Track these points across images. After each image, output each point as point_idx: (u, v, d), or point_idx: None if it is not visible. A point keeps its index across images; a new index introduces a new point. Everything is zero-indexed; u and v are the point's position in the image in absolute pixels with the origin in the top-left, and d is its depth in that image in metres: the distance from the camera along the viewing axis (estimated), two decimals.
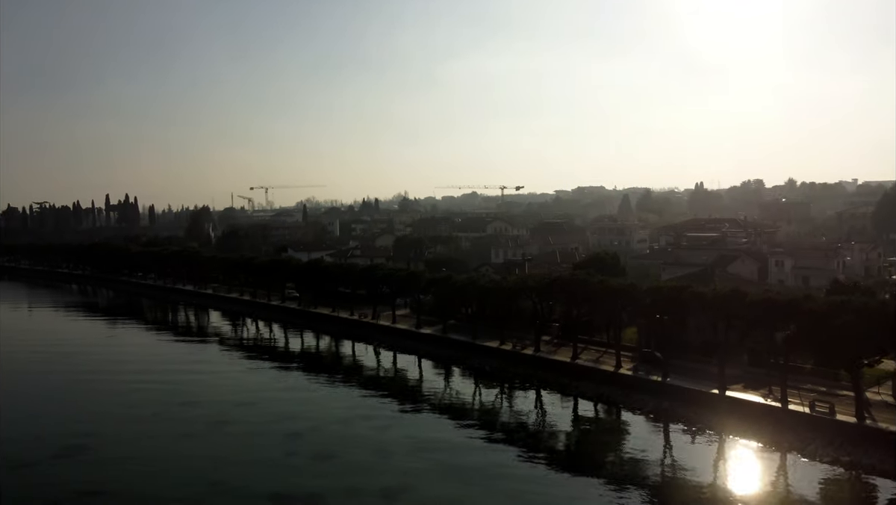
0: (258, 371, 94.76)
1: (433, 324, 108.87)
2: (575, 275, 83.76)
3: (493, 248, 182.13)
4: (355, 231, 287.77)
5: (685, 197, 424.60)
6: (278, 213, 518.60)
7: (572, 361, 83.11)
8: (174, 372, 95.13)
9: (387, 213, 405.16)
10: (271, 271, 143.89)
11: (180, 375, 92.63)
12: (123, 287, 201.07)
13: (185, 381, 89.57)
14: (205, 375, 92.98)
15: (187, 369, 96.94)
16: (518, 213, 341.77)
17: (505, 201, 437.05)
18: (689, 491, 51.63)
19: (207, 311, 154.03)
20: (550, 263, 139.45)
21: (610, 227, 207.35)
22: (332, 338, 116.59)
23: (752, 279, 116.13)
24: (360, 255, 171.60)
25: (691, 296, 69.67)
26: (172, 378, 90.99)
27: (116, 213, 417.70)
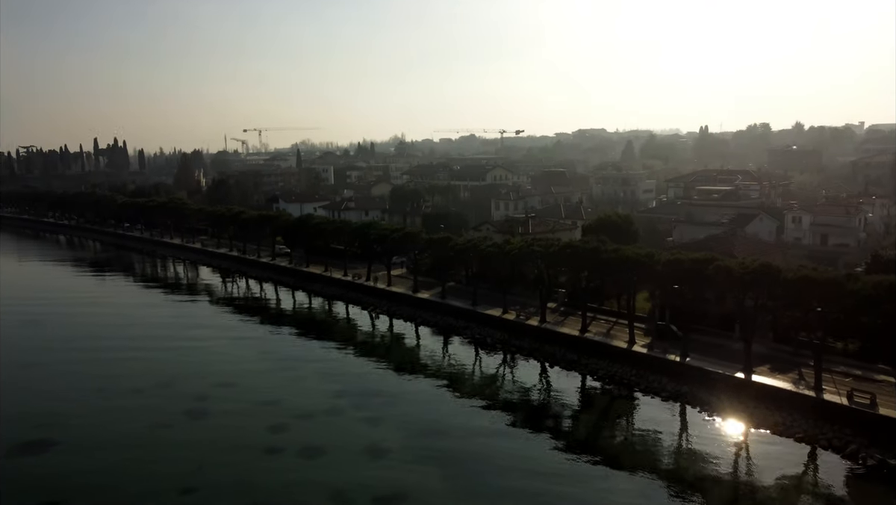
0: (244, 341, 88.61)
1: (431, 286, 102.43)
2: (585, 242, 76.74)
3: (494, 199, 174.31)
4: (350, 178, 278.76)
5: (689, 142, 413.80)
6: (272, 156, 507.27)
7: (581, 335, 76.87)
8: (155, 341, 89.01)
9: (383, 157, 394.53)
10: (260, 226, 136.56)
11: (161, 346, 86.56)
12: (110, 239, 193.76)
13: (166, 353, 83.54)
14: (188, 345, 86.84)
15: (169, 338, 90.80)
16: (518, 159, 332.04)
17: (505, 146, 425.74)
18: (710, 495, 46.05)
19: (196, 266, 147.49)
20: (554, 217, 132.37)
21: (614, 176, 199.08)
22: (325, 300, 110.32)
23: (770, 240, 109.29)
24: (355, 207, 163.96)
25: (717, 271, 62.77)
26: (152, 349, 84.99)
27: (105, 157, 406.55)
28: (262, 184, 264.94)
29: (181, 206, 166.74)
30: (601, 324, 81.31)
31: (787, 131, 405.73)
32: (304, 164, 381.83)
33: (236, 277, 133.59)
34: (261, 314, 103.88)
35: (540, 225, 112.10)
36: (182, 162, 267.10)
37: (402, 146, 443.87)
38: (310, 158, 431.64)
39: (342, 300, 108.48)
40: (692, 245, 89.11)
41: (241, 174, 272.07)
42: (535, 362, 75.82)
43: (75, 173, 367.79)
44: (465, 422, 60.31)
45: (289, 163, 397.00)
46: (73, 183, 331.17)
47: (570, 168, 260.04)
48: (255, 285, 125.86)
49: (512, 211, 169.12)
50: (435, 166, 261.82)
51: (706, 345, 71.19)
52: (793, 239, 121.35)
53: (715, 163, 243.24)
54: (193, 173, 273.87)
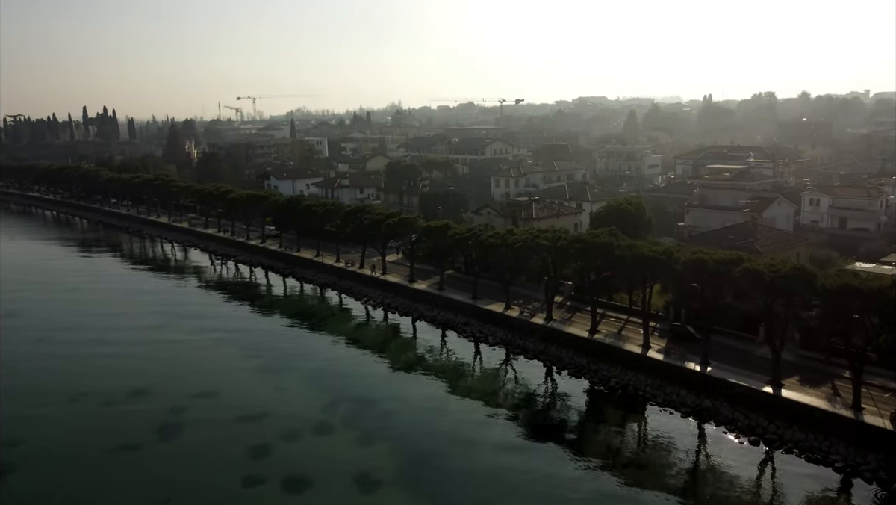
0: (230, 337, 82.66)
1: (428, 274, 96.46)
2: (596, 235, 70.42)
3: (494, 176, 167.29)
4: (345, 150, 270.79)
5: (693, 111, 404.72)
6: (267, 125, 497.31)
7: (591, 337, 71.05)
8: (135, 335, 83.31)
9: (379, 127, 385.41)
10: (249, 206, 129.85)
11: (140, 341, 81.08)
12: (96, 216, 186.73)
13: (145, 351, 78.00)
14: (169, 341, 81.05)
15: (150, 331, 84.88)
16: (518, 130, 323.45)
17: (504, 115, 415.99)
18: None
19: (183, 248, 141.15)
20: (558, 198, 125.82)
21: (619, 150, 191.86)
22: (317, 288, 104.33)
23: (788, 226, 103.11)
24: (349, 184, 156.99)
25: (745, 275, 56.66)
26: (131, 346, 79.58)
27: (95, 126, 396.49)
28: (255, 156, 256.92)
29: (168, 183, 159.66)
30: (611, 322, 75.56)
31: (793, 100, 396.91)
32: (298, 135, 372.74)
33: (224, 260, 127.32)
34: (248, 305, 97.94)
35: (544, 209, 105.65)
36: (171, 133, 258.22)
37: (398, 116, 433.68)
38: (305, 128, 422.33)
39: (335, 289, 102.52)
40: (710, 236, 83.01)
41: (233, 146, 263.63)
42: (541, 366, 70.20)
43: (64, 143, 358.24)
44: (468, 437, 55.00)
45: (283, 133, 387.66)
46: (62, 153, 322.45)
47: (572, 141, 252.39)
48: (244, 270, 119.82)
49: (513, 189, 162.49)
50: (432, 138, 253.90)
51: (727, 350, 65.54)
52: (810, 222, 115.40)
53: (721, 136, 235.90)
54: (183, 145, 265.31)
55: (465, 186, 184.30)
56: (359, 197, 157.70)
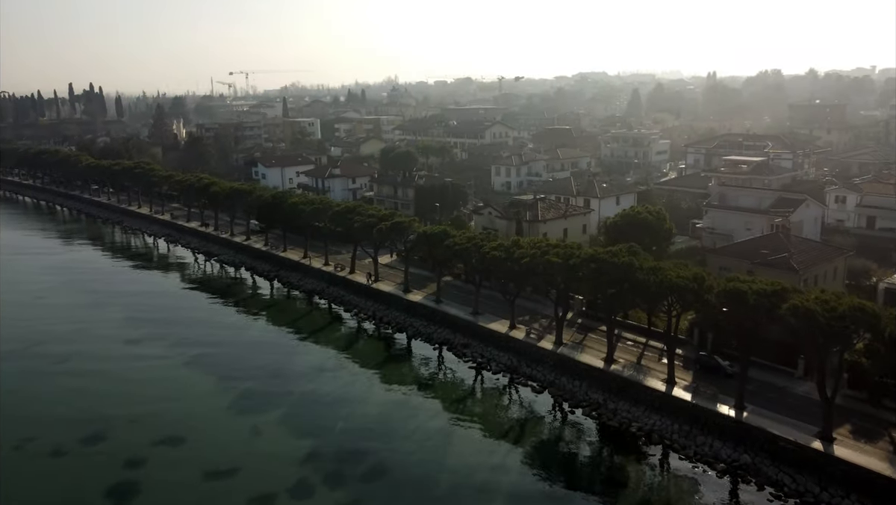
0: (204, 360, 74.26)
1: (425, 281, 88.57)
2: (614, 253, 61.97)
3: (494, 165, 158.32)
4: (339, 132, 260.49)
5: (696, 88, 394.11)
6: (260, 101, 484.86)
7: (607, 368, 63.05)
8: (97, 360, 74.98)
9: (374, 105, 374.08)
10: (232, 201, 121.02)
11: (106, 365, 72.82)
12: (75, 204, 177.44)
13: (109, 376, 70.01)
14: (137, 365, 72.79)
15: (115, 354, 76.62)
16: (517, 111, 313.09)
17: (503, 93, 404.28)
18: None
19: (166, 243, 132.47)
20: (563, 192, 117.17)
21: (625, 136, 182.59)
22: (304, 295, 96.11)
23: (816, 230, 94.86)
24: (341, 174, 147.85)
25: (794, 313, 48.45)
26: (94, 371, 71.54)
27: (81, 104, 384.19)
28: (244, 137, 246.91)
29: (148, 172, 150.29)
30: (628, 347, 67.65)
31: (800, 78, 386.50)
32: (291, 113, 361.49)
33: (207, 259, 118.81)
34: (231, 313, 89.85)
35: (550, 209, 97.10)
36: (157, 114, 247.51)
37: (394, 94, 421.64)
38: (298, 105, 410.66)
39: (323, 297, 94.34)
40: (738, 248, 74.66)
41: (222, 127, 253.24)
42: (551, 401, 62.29)
43: (48, 122, 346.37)
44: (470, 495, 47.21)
45: (275, 110, 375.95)
46: (46, 133, 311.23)
47: (574, 123, 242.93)
48: (227, 271, 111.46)
49: (514, 178, 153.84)
50: (429, 120, 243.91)
51: (763, 386, 57.76)
52: (835, 221, 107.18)
53: (730, 118, 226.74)
54: (170, 125, 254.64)
55: (464, 174, 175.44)
56: (351, 187, 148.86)
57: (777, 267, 68.21)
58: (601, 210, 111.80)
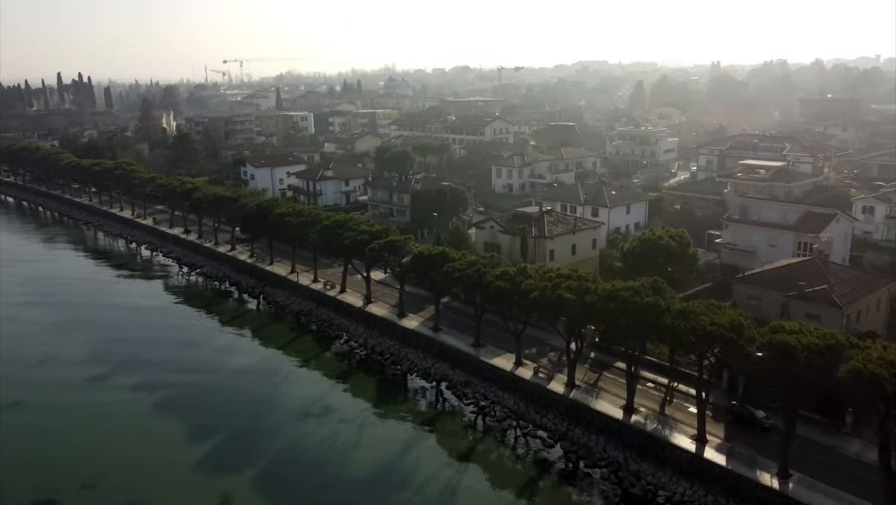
0: (172, 406, 66.50)
1: (421, 303, 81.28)
2: (635, 291, 54.44)
3: (495, 166, 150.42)
4: (333, 126, 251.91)
5: (700, 79, 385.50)
6: (254, 90, 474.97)
7: (627, 419, 55.74)
8: (56, 401, 67.49)
9: (371, 96, 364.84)
10: (216, 209, 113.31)
11: (60, 412, 65.23)
12: (55, 205, 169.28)
13: (62, 428, 62.43)
14: (96, 411, 65.25)
15: (77, 394, 69.14)
16: (518, 103, 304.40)
17: (502, 83, 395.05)
18: None
19: (148, 250, 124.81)
20: (570, 199, 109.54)
21: (631, 133, 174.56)
22: (292, 317, 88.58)
23: (846, 247, 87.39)
24: (333, 175, 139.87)
25: (855, 377, 41.07)
26: (46, 419, 63.84)
27: (70, 93, 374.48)
28: (236, 132, 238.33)
29: (130, 173, 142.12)
30: (649, 392, 60.27)
31: (806, 69, 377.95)
32: (285, 103, 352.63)
33: (189, 271, 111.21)
34: (206, 344, 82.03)
35: (557, 223, 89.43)
36: (143, 107, 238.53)
37: (391, 84, 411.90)
38: (293, 96, 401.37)
39: (312, 319, 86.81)
40: (769, 277, 67.11)
41: (212, 120, 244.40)
42: (563, 458, 54.98)
43: (35, 113, 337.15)
44: None
45: (269, 101, 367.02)
46: (32, 125, 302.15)
47: (577, 116, 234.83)
48: (211, 285, 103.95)
49: (516, 180, 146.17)
50: (426, 114, 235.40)
51: (807, 445, 50.67)
52: (862, 233, 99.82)
53: (738, 113, 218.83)
54: (158, 119, 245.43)
55: (463, 173, 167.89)
56: (344, 190, 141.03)
57: (816, 301, 60.90)
58: (611, 220, 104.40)
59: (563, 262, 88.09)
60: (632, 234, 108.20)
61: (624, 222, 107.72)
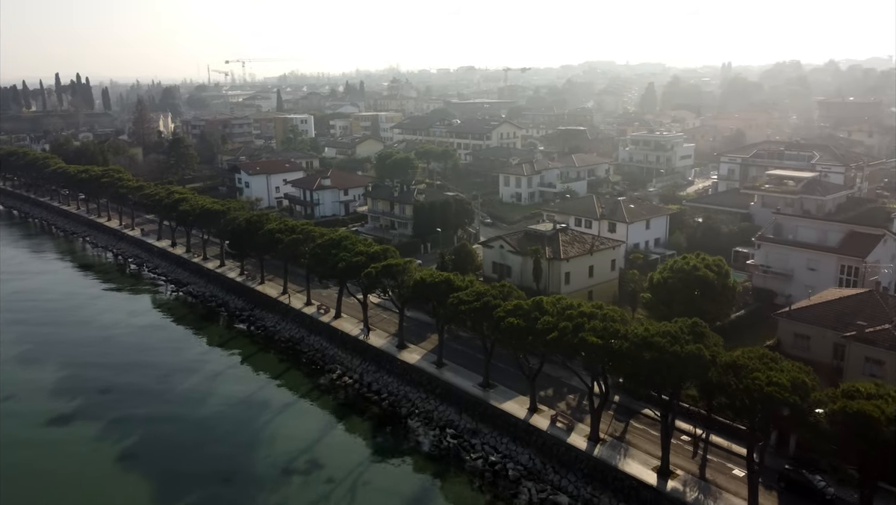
0: (134, 459, 58.59)
1: (423, 331, 73.76)
2: (672, 337, 46.41)
3: (503, 174, 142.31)
4: (334, 129, 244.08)
5: (712, 81, 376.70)
6: (256, 91, 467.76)
7: (662, 484, 47.67)
8: (7, 457, 59.66)
9: (374, 98, 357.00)
10: (204, 223, 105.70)
11: (9, 470, 57.37)
12: (42, 212, 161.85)
13: (7, 492, 54.57)
14: (53, 466, 57.52)
15: (33, 445, 61.44)
16: (525, 105, 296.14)
17: (508, 84, 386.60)
18: None
19: (129, 264, 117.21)
20: (585, 213, 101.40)
21: (646, 138, 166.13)
22: (282, 346, 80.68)
23: (892, 269, 78.95)
24: (331, 185, 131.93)
25: None
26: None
27: (68, 94, 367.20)
28: (233, 135, 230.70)
29: (117, 181, 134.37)
30: (684, 448, 52.07)
31: (820, 70, 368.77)
32: (286, 105, 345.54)
33: (177, 289, 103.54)
34: (186, 377, 74.00)
35: (573, 243, 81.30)
36: (138, 109, 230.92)
37: (395, 85, 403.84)
38: (294, 97, 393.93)
39: (304, 348, 78.94)
40: (819, 313, 58.80)
41: (208, 124, 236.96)
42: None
43: (31, 115, 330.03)
44: None
45: (270, 102, 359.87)
46: (27, 126, 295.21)
47: (586, 119, 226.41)
48: (197, 306, 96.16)
49: (525, 189, 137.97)
50: (430, 117, 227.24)
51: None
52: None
53: (754, 115, 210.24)
54: (152, 122, 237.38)
55: (468, 180, 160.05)
56: (342, 200, 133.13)
57: (880, 344, 52.69)
58: (629, 236, 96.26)
59: (580, 285, 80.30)
60: (651, 250, 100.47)
61: (643, 238, 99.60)
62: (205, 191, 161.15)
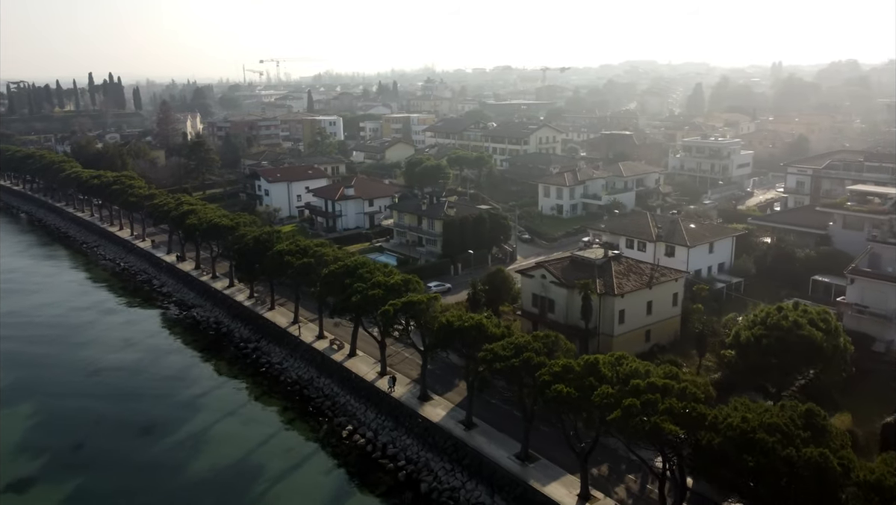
0: None
1: (451, 378, 62.28)
2: (786, 438, 34.28)
3: (543, 184, 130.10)
4: (364, 132, 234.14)
5: (762, 81, 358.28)
6: (289, 91, 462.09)
7: None
8: None
9: (407, 98, 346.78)
10: (211, 238, 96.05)
11: None
12: (56, 219, 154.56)
13: None
14: None
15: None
16: (564, 107, 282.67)
17: (546, 85, 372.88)
18: None
19: (142, 281, 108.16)
20: (638, 235, 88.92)
21: (699, 145, 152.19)
22: (286, 391, 70.05)
23: None
24: (355, 195, 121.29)
25: None
26: None
27: (100, 94, 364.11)
28: (259, 137, 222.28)
29: (127, 188, 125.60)
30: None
31: (879, 69, 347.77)
32: (317, 106, 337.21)
33: (180, 312, 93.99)
34: (174, 430, 63.64)
35: (628, 274, 69.06)
36: (162, 110, 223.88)
37: (429, 85, 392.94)
38: (327, 97, 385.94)
39: (311, 394, 68.18)
40: None
41: (234, 125, 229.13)
42: None
43: (62, 114, 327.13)
44: None
45: (302, 102, 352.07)
46: (58, 126, 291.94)
47: (631, 122, 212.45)
48: (200, 333, 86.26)
49: (567, 200, 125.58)
50: (464, 120, 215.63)
51: None
52: None
53: (814, 118, 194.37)
54: (176, 123, 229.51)
55: (504, 188, 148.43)
56: (367, 211, 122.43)
57: None
58: (690, 261, 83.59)
59: (636, 324, 68.14)
60: (715, 277, 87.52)
61: (706, 263, 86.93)
62: (224, 198, 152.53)
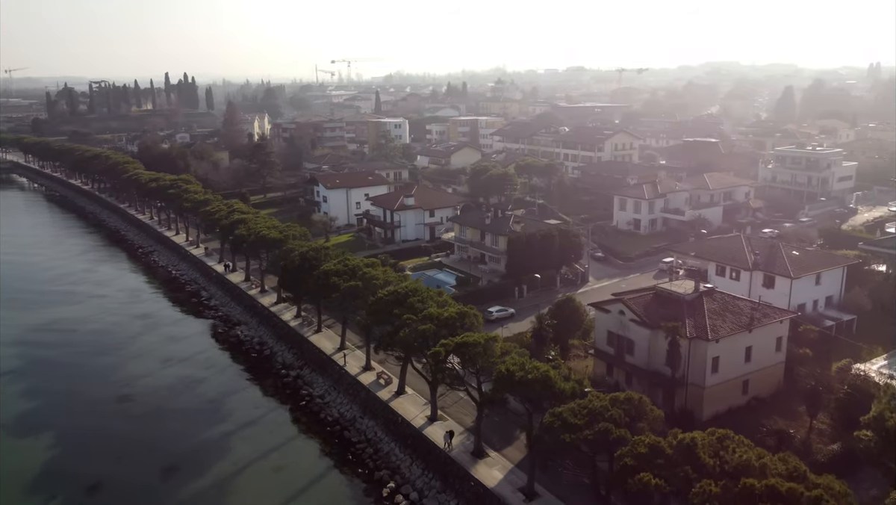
0: None
1: (511, 430, 53.47)
2: None
3: (619, 196, 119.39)
4: (430, 135, 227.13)
5: (858, 83, 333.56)
6: (356, 93, 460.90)
7: None
8: None
9: (476, 99, 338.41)
10: (258, 249, 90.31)
11: None
12: (117, 220, 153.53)
13: None
14: None
15: None
16: (640, 110, 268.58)
17: (622, 87, 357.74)
18: None
19: (191, 291, 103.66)
20: (731, 261, 77.65)
21: (794, 155, 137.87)
22: (325, 431, 62.70)
23: None
24: (415, 205, 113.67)
25: None
26: None
27: (175, 94, 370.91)
28: (324, 139, 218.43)
29: (182, 193, 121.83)
30: None
31: None
32: (385, 107, 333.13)
33: (226, 328, 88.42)
34: (193, 472, 57.13)
35: (726, 313, 58.61)
36: (228, 111, 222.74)
37: (499, 87, 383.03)
38: (394, 99, 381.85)
39: (352, 437, 60.63)
40: None
41: (298, 127, 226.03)
42: None
43: (138, 114, 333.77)
44: None
45: (371, 103, 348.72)
46: (133, 125, 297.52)
47: (715, 129, 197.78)
48: (244, 353, 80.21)
49: (645, 215, 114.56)
50: (534, 124, 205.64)
51: None
52: None
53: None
54: (240, 125, 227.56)
55: (576, 199, 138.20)
56: (428, 222, 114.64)
57: None
58: (793, 294, 72.03)
59: (732, 373, 57.69)
60: (823, 314, 75.46)
61: (811, 297, 75.10)
62: (283, 203, 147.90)
